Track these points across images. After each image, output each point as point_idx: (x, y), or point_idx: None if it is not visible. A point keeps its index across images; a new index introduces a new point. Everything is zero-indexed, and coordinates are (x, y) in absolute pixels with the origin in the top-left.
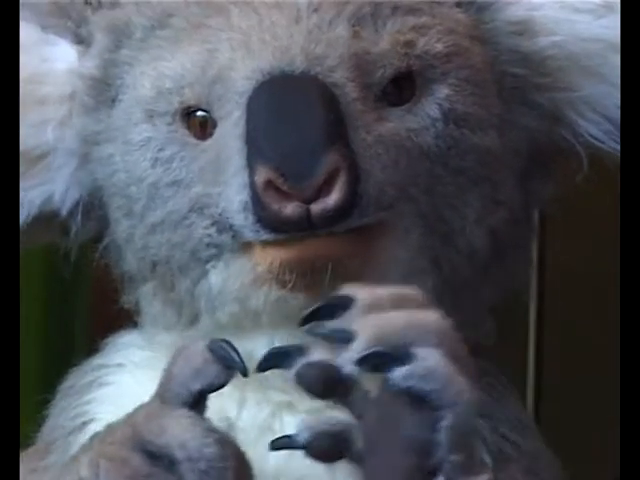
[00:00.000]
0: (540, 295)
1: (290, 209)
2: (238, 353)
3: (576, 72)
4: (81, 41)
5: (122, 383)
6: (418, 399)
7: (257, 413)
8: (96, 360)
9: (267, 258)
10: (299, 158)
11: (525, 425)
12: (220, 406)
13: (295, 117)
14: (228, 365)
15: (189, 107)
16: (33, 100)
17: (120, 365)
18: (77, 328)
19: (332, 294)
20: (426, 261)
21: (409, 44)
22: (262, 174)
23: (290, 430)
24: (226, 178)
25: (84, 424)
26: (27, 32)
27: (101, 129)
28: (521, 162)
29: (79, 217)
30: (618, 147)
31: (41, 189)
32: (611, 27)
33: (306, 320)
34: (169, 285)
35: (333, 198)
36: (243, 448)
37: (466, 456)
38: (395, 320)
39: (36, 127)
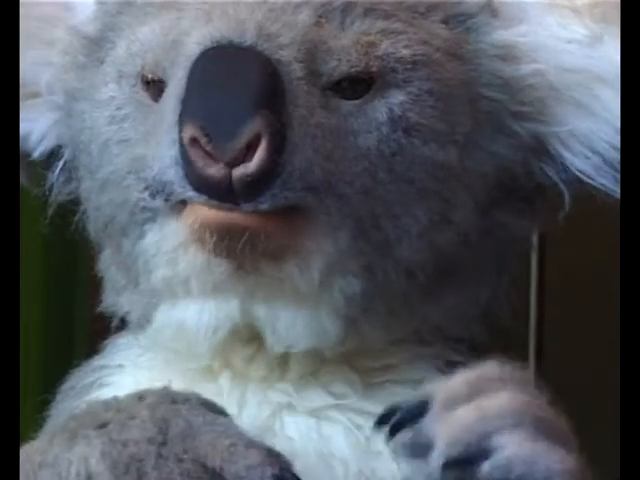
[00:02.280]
0: (540, 298)
1: (213, 169)
2: None
3: (559, 104)
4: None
5: (122, 384)
6: None
7: (257, 414)
8: (97, 361)
9: (190, 218)
10: (224, 120)
11: None
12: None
13: (229, 81)
14: None
15: (147, 73)
16: (44, 40)
17: (120, 366)
18: (77, 329)
19: (410, 400)
20: (357, 265)
21: (371, 45)
22: (188, 131)
23: (291, 431)
24: (161, 135)
25: None
26: None
27: (83, 87)
28: (487, 188)
29: (57, 171)
30: (608, 184)
31: (22, 125)
32: (596, 58)
33: (393, 429)
34: (116, 247)
35: (253, 164)
36: None
37: None
38: (465, 417)
39: (39, 66)
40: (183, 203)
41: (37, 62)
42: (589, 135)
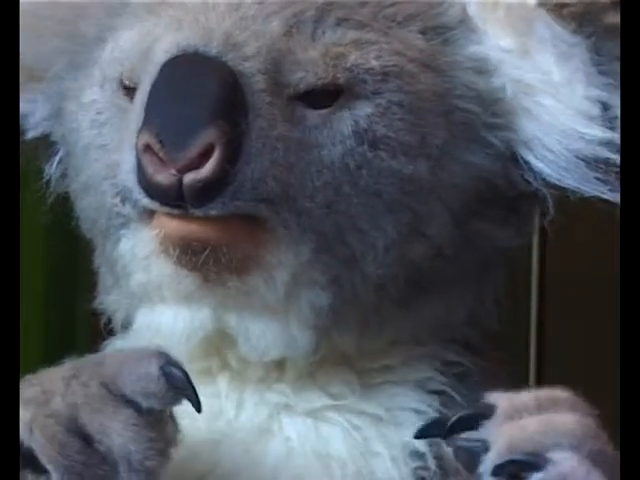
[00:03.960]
0: (540, 298)
1: (163, 175)
2: (193, 386)
3: (516, 113)
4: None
5: None
6: None
7: (255, 415)
8: None
9: (156, 229)
10: (179, 128)
11: None
12: (218, 408)
13: (188, 92)
14: (182, 395)
15: (124, 80)
16: (67, 31)
17: None
18: (78, 329)
19: (475, 403)
20: (323, 277)
21: (340, 56)
22: (143, 138)
23: (289, 432)
24: (127, 141)
25: None
26: None
27: (75, 87)
28: (465, 200)
29: (55, 166)
30: (576, 184)
31: (23, 105)
32: (526, 68)
33: (451, 428)
34: (101, 248)
35: (204, 170)
36: (241, 449)
37: None
38: (529, 426)
39: (51, 54)
40: (151, 211)
41: (52, 50)
42: (543, 139)
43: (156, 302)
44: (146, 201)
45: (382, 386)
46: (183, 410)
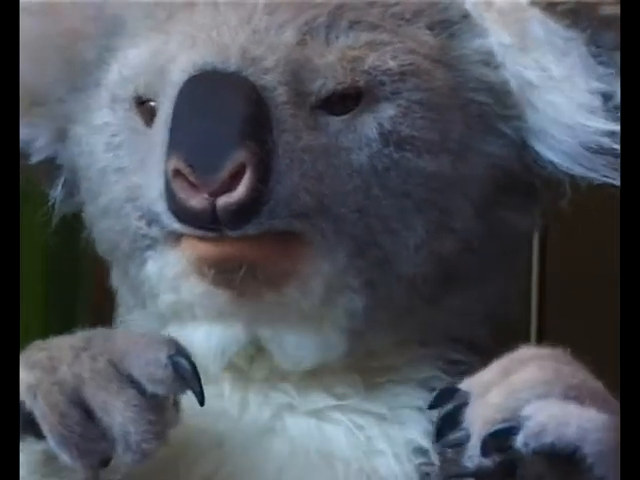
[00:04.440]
0: (541, 299)
1: (195, 200)
2: (199, 379)
3: (525, 106)
4: None
5: None
6: (552, 453)
7: (259, 414)
8: None
9: (187, 250)
10: (208, 151)
11: None
12: (221, 408)
13: (213, 112)
14: (187, 387)
15: (140, 96)
16: (66, 56)
17: None
18: (78, 329)
19: (450, 396)
20: (357, 281)
21: (357, 59)
22: (172, 163)
23: (292, 432)
24: (152, 165)
25: None
26: None
27: (80, 109)
28: (485, 191)
29: (59, 189)
30: (585, 172)
31: (24, 130)
32: (523, 64)
33: (439, 431)
34: (123, 270)
35: (237, 193)
36: (245, 449)
37: None
38: (496, 397)
39: (52, 78)
40: (179, 232)
41: (56, 75)
42: (551, 131)
43: (186, 320)
44: (177, 226)
45: (385, 385)
46: (186, 410)
